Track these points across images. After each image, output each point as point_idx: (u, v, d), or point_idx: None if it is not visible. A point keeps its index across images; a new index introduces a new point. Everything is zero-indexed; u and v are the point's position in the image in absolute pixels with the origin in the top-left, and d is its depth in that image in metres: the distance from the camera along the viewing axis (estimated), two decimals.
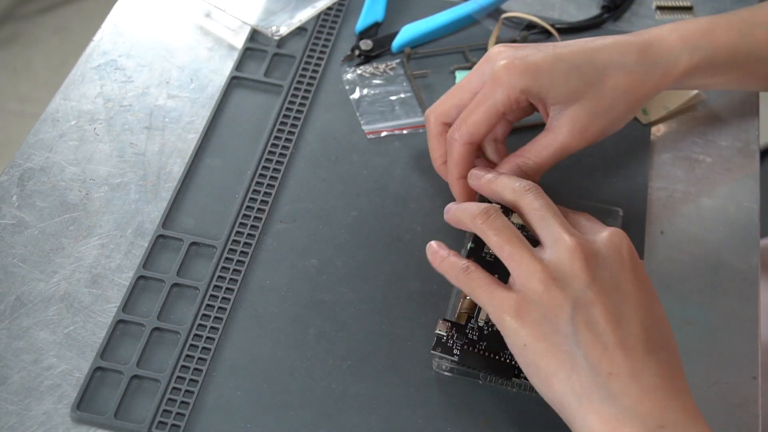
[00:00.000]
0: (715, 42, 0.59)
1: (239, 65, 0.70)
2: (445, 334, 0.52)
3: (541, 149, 0.56)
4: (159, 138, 0.65)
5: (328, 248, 0.59)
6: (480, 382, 0.53)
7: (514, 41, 0.71)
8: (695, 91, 0.69)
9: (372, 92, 0.69)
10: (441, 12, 0.73)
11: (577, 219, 0.52)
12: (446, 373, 0.54)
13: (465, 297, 0.54)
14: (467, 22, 0.73)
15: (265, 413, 0.52)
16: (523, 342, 0.46)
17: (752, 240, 0.62)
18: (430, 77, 0.70)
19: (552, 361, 0.45)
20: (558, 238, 0.48)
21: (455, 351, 0.52)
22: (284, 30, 0.71)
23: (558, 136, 0.56)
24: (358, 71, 0.70)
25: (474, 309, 0.53)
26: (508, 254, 0.49)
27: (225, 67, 0.70)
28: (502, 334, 0.48)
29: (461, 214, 0.53)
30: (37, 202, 0.61)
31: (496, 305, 0.48)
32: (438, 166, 0.60)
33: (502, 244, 0.49)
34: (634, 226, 0.62)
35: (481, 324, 0.52)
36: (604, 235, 0.49)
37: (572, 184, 0.64)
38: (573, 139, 0.56)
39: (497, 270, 0.51)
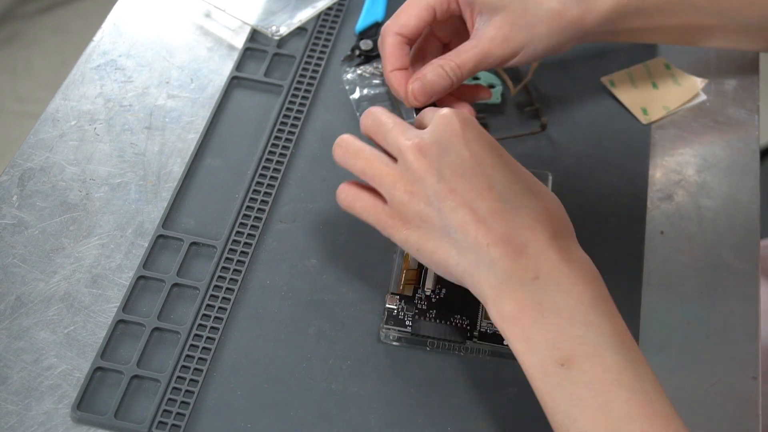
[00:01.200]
0: None
1: (239, 65, 0.70)
2: (395, 307, 0.55)
3: (462, 52, 0.57)
4: (159, 138, 0.65)
5: (328, 248, 0.59)
6: (428, 349, 0.55)
7: None
8: (695, 91, 0.69)
9: (372, 92, 0.69)
10: None
11: (422, 116, 0.54)
12: (394, 343, 0.55)
13: (407, 268, 0.57)
14: None
15: (265, 413, 0.52)
16: (415, 247, 0.50)
17: (752, 240, 0.62)
18: None
19: (442, 253, 0.48)
20: (399, 146, 0.50)
21: (407, 322, 0.54)
22: (284, 30, 0.71)
23: (479, 42, 0.57)
24: (358, 71, 0.70)
25: (418, 279, 0.56)
26: (370, 177, 0.51)
27: (225, 67, 0.70)
28: (398, 244, 0.51)
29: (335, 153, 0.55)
30: (37, 202, 0.61)
31: (383, 224, 0.51)
32: (390, 71, 0.59)
33: (363, 168, 0.51)
34: (634, 226, 0.62)
35: (428, 293, 0.56)
36: (436, 121, 0.50)
37: (572, 184, 0.64)
38: (493, 46, 0.57)
39: None
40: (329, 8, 0.74)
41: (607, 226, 0.62)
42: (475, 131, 0.50)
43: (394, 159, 0.51)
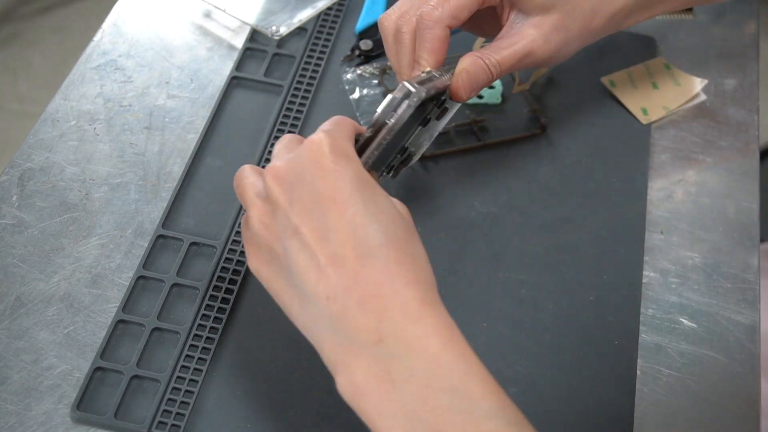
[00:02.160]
0: None
1: (239, 65, 0.70)
2: None
3: (503, 50, 0.55)
4: (159, 138, 0.65)
5: None
6: None
7: None
8: (695, 92, 0.69)
9: (372, 92, 0.68)
10: None
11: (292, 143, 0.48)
12: None
13: None
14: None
15: (265, 413, 0.52)
16: (265, 283, 0.46)
17: (752, 240, 0.62)
18: None
19: (287, 298, 0.44)
20: (265, 174, 0.45)
21: None
22: (284, 30, 0.71)
23: (522, 39, 0.55)
24: (358, 71, 0.70)
25: None
26: (245, 205, 0.47)
27: (225, 67, 0.70)
28: None
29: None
30: (37, 202, 0.61)
31: (244, 244, 0.47)
32: (409, 72, 0.54)
33: (242, 196, 0.48)
34: (634, 226, 0.62)
35: None
36: (303, 147, 0.44)
37: (572, 184, 0.64)
38: (535, 46, 0.55)
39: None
40: (329, 8, 0.74)
41: (607, 226, 0.62)
42: (342, 160, 0.43)
43: None
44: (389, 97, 0.48)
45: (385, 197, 0.44)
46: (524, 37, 0.55)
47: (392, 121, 0.47)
